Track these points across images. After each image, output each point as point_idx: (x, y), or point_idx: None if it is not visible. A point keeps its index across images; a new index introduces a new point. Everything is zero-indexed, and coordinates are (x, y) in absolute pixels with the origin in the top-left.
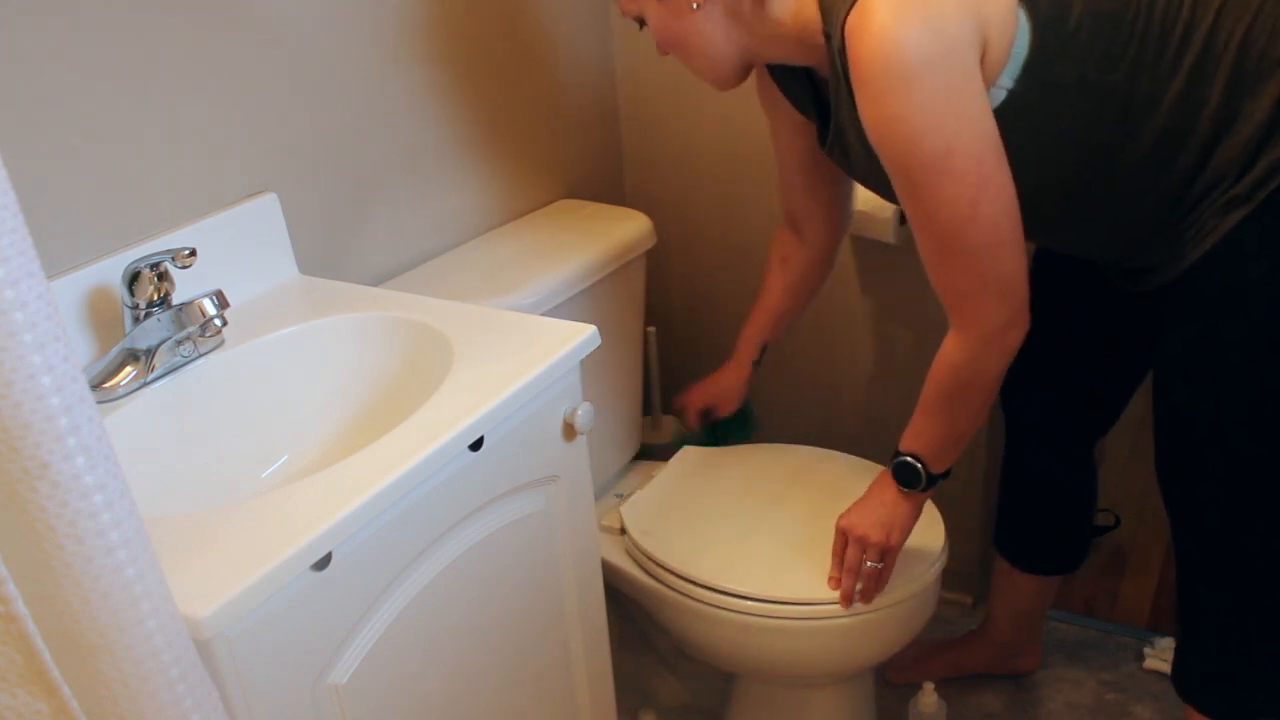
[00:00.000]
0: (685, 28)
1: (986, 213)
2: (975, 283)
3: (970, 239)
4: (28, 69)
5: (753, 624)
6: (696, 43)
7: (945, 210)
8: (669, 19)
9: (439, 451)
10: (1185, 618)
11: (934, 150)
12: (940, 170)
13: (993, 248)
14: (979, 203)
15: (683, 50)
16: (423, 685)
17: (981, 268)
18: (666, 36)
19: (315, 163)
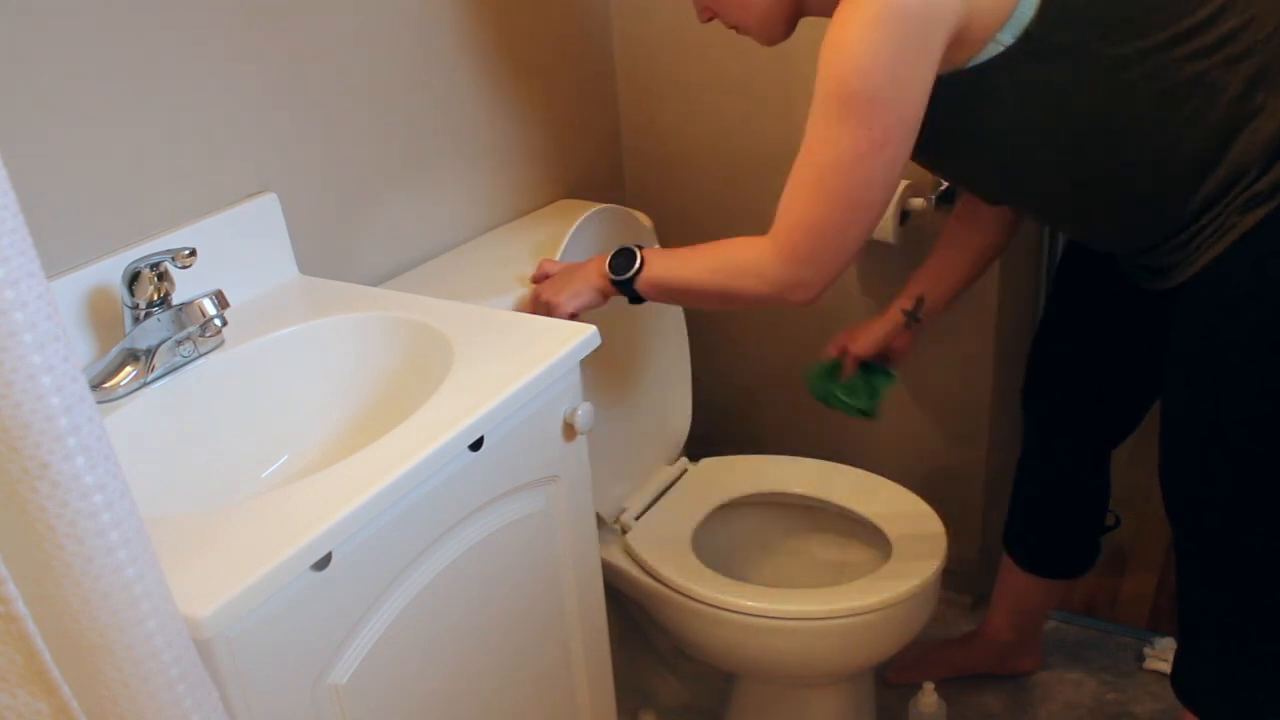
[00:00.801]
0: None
1: (866, 171)
2: (813, 224)
3: (837, 185)
4: (28, 69)
5: (753, 625)
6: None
7: (834, 147)
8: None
9: (439, 451)
10: (1185, 620)
11: (858, 89)
12: (852, 110)
13: (851, 207)
14: (866, 158)
15: (731, 5)
16: (423, 685)
17: (828, 216)
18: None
19: (315, 163)
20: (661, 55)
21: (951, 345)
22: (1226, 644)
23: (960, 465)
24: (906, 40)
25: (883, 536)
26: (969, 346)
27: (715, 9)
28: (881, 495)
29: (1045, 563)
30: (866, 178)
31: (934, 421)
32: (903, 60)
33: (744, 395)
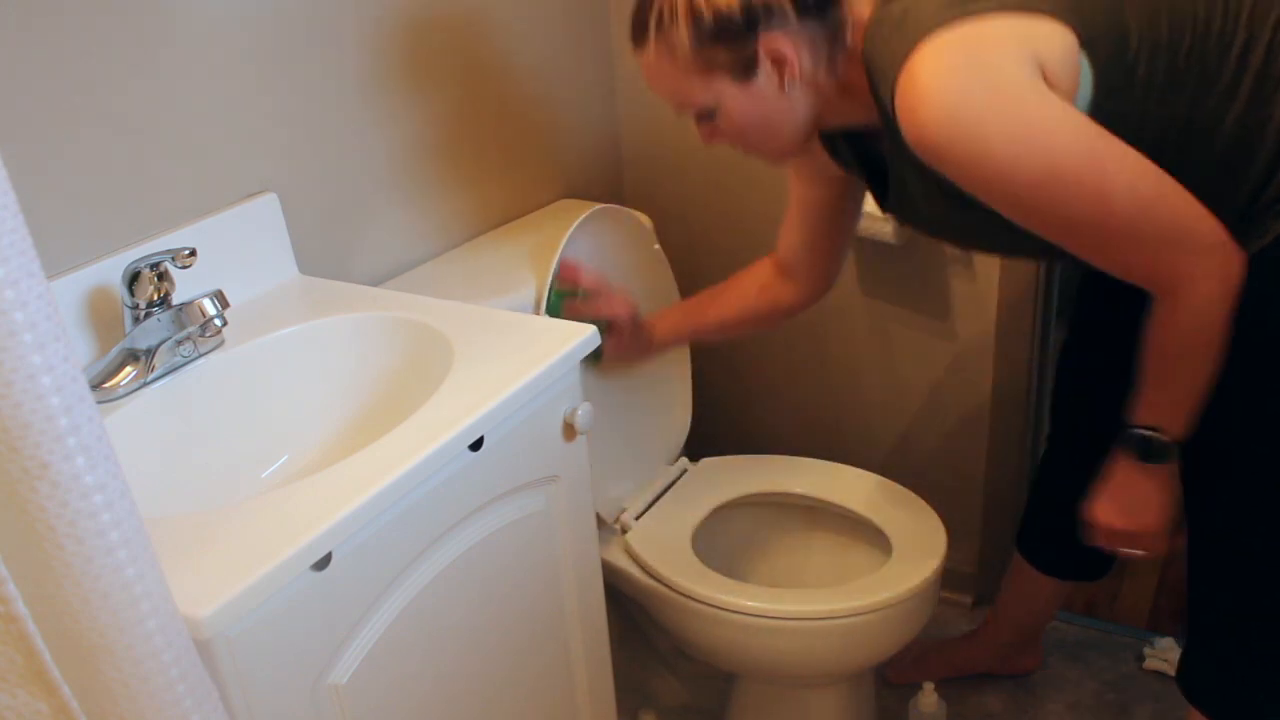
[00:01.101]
0: (770, 110)
1: (1120, 192)
2: (1152, 253)
3: (1118, 220)
4: (28, 69)
5: (753, 625)
6: (778, 123)
7: (1077, 215)
8: (753, 105)
9: (439, 451)
10: (1193, 618)
11: (1035, 171)
12: (1052, 185)
13: (1146, 215)
14: (1106, 189)
15: (758, 134)
16: (423, 685)
17: (1147, 238)
18: (745, 123)
19: (315, 163)
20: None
21: (951, 346)
22: (1233, 643)
23: (960, 465)
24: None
25: (883, 536)
26: (969, 347)
27: (736, 138)
28: (881, 495)
29: (1064, 566)
30: (1126, 193)
31: (934, 421)
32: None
33: (744, 395)
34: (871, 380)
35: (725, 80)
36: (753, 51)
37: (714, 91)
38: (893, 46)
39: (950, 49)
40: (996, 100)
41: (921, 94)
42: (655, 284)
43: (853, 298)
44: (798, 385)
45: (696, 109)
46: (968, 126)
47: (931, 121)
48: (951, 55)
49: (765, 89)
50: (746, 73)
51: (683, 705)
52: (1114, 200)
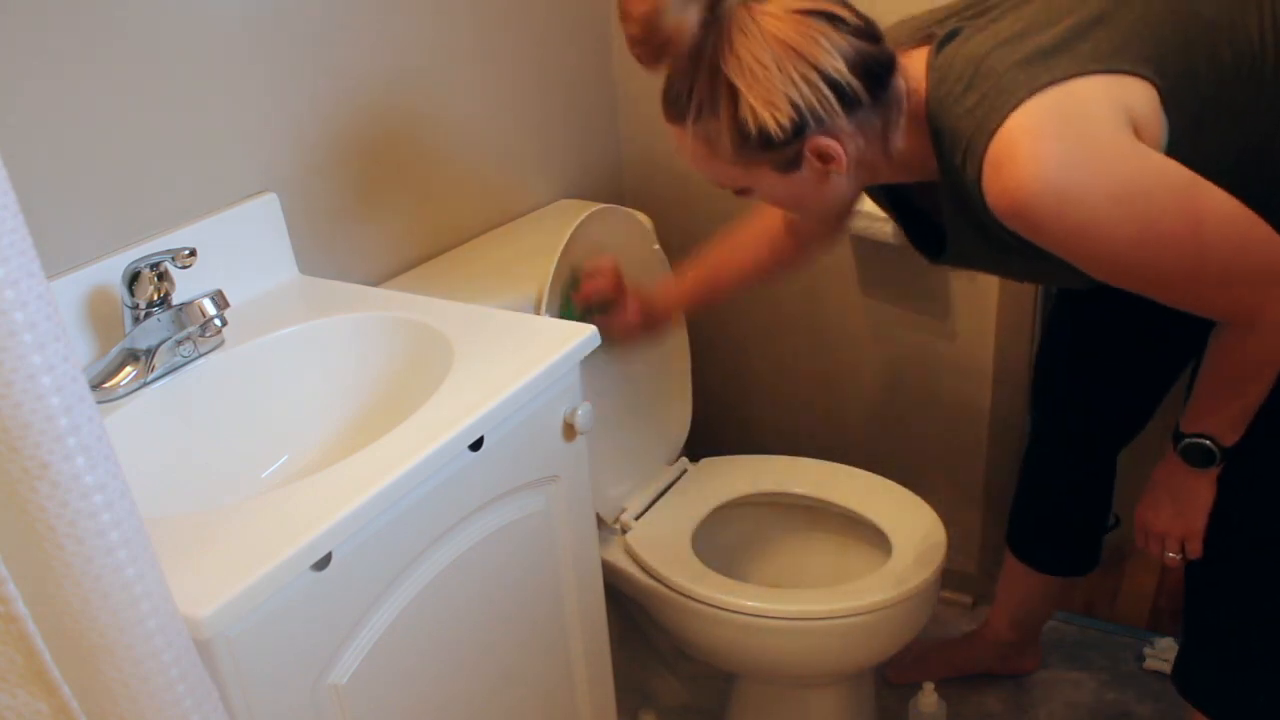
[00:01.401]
0: (812, 192)
1: (1214, 242)
2: (1237, 292)
3: (1212, 269)
4: (28, 69)
5: (753, 625)
6: (820, 201)
7: (1176, 268)
8: (795, 189)
9: (439, 451)
10: (1190, 617)
11: (1134, 233)
12: (1149, 245)
13: (1236, 259)
14: (1204, 240)
15: (798, 208)
16: (423, 685)
17: (1234, 280)
18: (784, 202)
19: (315, 163)
20: None
21: (951, 346)
22: (1229, 642)
23: (960, 465)
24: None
25: (883, 536)
26: (968, 346)
27: (782, 202)
28: (881, 495)
29: (1051, 560)
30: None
31: (934, 421)
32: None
33: (744, 395)
34: (871, 380)
35: (766, 171)
36: (798, 152)
37: (753, 179)
38: (972, 113)
39: (1048, 118)
40: (1098, 168)
41: (1020, 166)
42: (655, 283)
43: (853, 298)
44: (798, 385)
45: (732, 188)
46: (1070, 197)
47: (1032, 193)
48: (1048, 123)
49: (809, 179)
50: (790, 168)
51: (683, 705)
52: (1209, 252)
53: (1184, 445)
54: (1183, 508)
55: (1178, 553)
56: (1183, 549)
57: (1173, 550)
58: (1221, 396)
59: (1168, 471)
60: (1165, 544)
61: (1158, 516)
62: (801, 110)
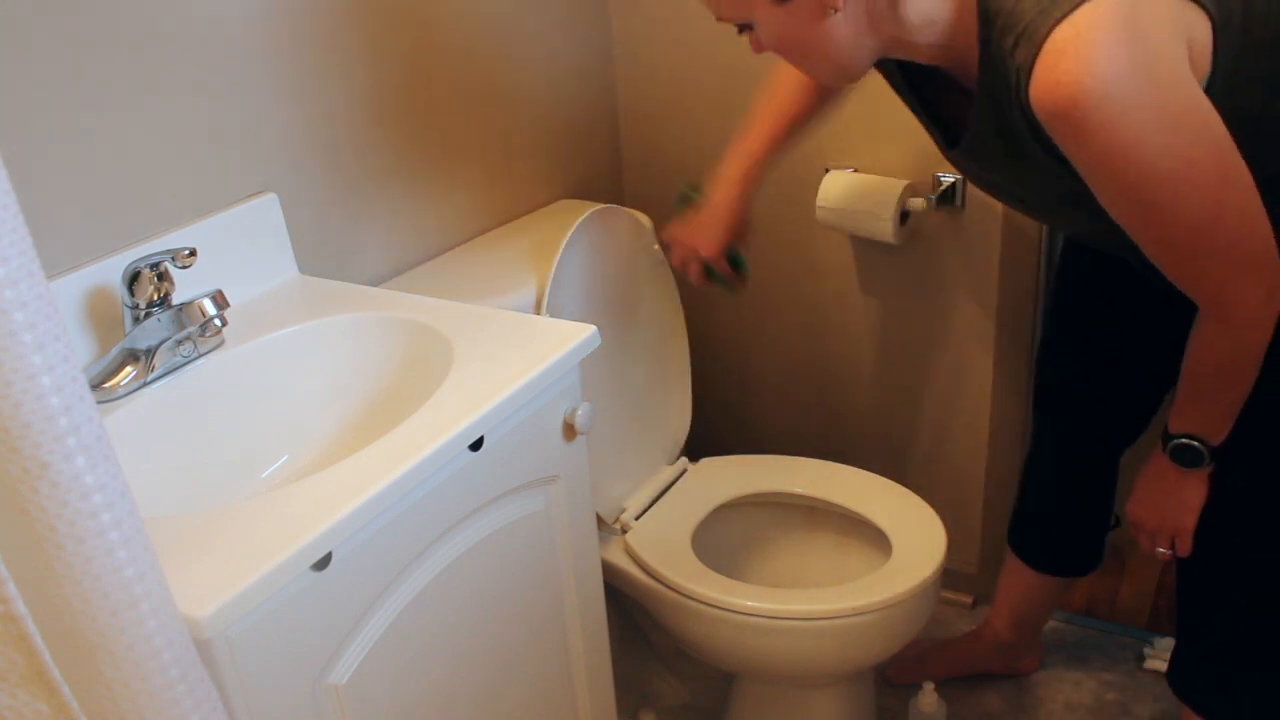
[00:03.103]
0: (811, 35)
1: (1233, 206)
2: (1229, 272)
3: (1219, 236)
4: (28, 69)
5: (753, 625)
6: (820, 49)
7: (1189, 219)
8: (793, 29)
9: (439, 451)
10: (1184, 617)
11: (1172, 169)
12: (1180, 185)
13: (1243, 235)
14: (1224, 201)
15: (800, 57)
16: (423, 685)
17: (1233, 258)
18: (783, 45)
19: (315, 163)
20: (661, 55)
21: (951, 345)
22: (1224, 641)
23: (960, 465)
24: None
25: (883, 536)
26: (969, 347)
27: (778, 51)
28: (881, 495)
29: (1052, 560)
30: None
31: (934, 421)
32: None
33: (744, 395)
34: (871, 380)
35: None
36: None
37: (750, 5)
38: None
39: (1118, 17)
40: (1160, 86)
41: (1082, 61)
42: (655, 284)
43: (853, 298)
44: (798, 385)
45: (735, 20)
46: (1129, 107)
47: (1092, 94)
48: (1119, 26)
49: (804, 13)
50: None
51: (683, 705)
52: (1226, 217)
53: (1172, 446)
54: (1173, 506)
55: (1168, 549)
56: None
57: (1163, 546)
58: (1202, 396)
59: (1158, 470)
60: (1156, 540)
61: (1148, 514)
62: None
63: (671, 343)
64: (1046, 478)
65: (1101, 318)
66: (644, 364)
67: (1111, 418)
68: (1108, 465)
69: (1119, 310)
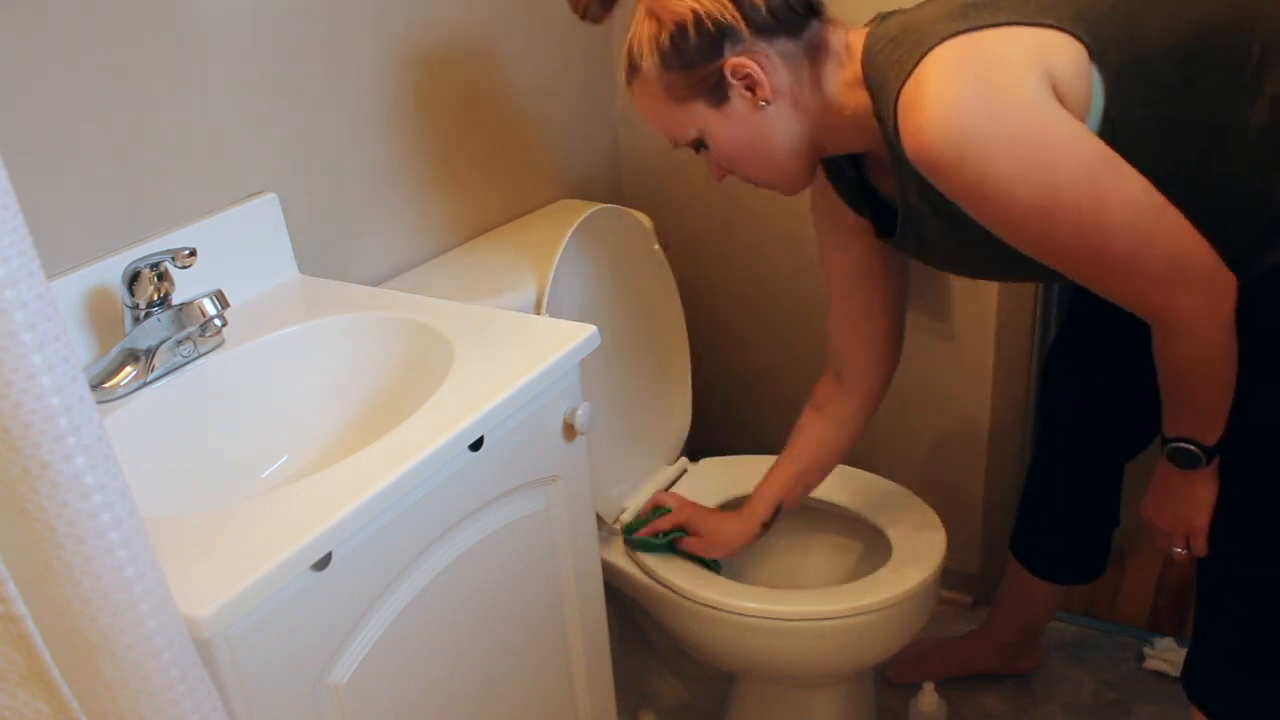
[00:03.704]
0: (753, 131)
1: (1117, 224)
2: (1145, 285)
3: (1113, 253)
4: (28, 69)
5: (753, 625)
6: (766, 145)
7: (1072, 243)
8: (735, 127)
9: (439, 451)
10: (1201, 620)
11: (1033, 198)
12: (1049, 213)
13: (1142, 249)
14: (1104, 221)
15: (750, 158)
16: (423, 685)
17: (1141, 271)
18: (732, 148)
19: (315, 163)
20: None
21: (951, 346)
22: (1240, 646)
23: (960, 465)
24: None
25: (883, 536)
26: (969, 347)
27: (732, 165)
28: (881, 495)
29: (1055, 567)
30: (1124, 225)
31: (934, 422)
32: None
33: (744, 395)
34: None
35: (702, 106)
36: (718, 73)
37: (694, 119)
38: (893, 62)
39: (956, 62)
40: (1001, 117)
41: (924, 106)
42: (655, 284)
43: None
44: (798, 385)
45: (685, 139)
46: (970, 143)
47: (933, 135)
48: (957, 68)
49: (741, 111)
50: (718, 96)
51: (683, 705)
52: (1111, 233)
53: (1169, 450)
54: (1183, 507)
55: (1184, 548)
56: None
57: (1179, 546)
58: (1180, 400)
59: (1165, 472)
60: (1171, 540)
61: (1160, 515)
62: (702, 18)
63: (671, 343)
64: (1049, 488)
65: (1109, 333)
66: (644, 364)
67: (1113, 429)
68: (1110, 476)
69: (1127, 325)
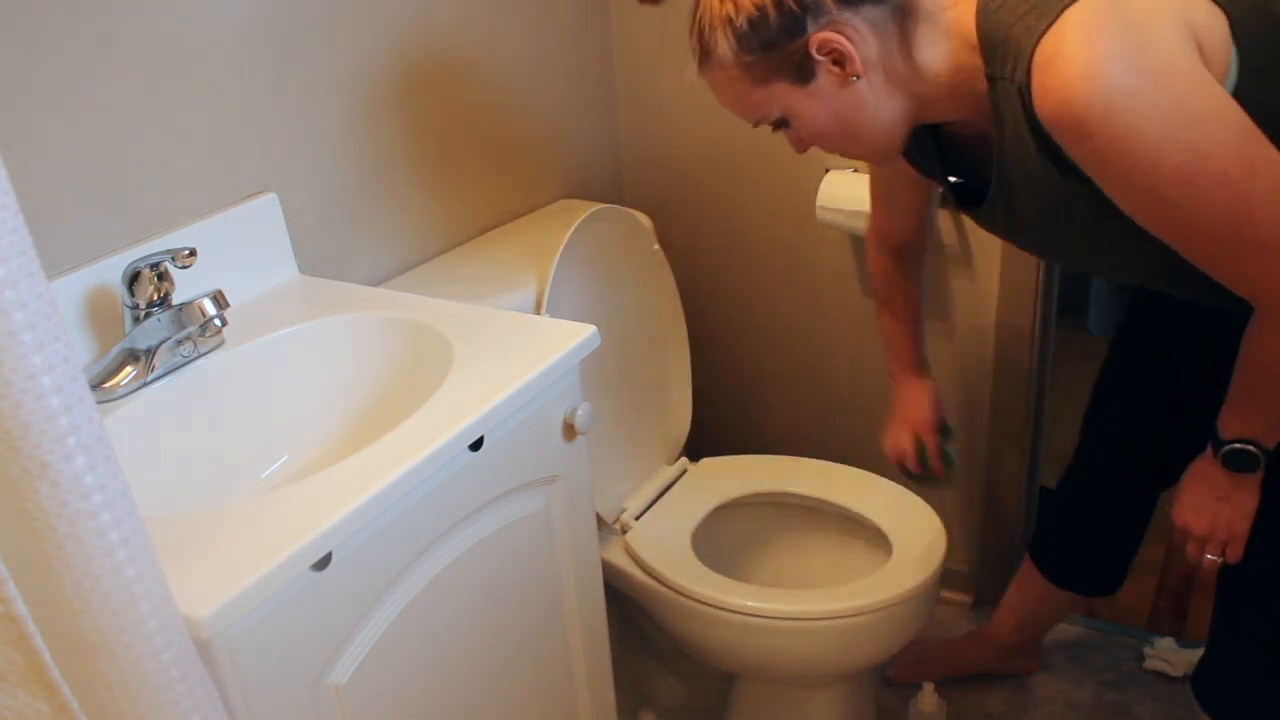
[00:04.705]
0: (844, 107)
1: (1264, 197)
2: (1274, 267)
3: (1257, 229)
4: (28, 69)
5: (753, 625)
6: (857, 121)
7: (1216, 214)
8: (823, 105)
9: (439, 451)
10: (1220, 627)
11: (1181, 163)
12: (1195, 180)
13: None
14: (1251, 194)
15: (840, 136)
16: (422, 685)
17: (1274, 248)
18: (821, 127)
19: (315, 163)
20: (661, 55)
21: (951, 346)
22: (1257, 653)
23: (960, 465)
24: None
25: (883, 536)
26: (969, 348)
27: (820, 140)
28: (881, 495)
29: (1077, 579)
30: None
31: None
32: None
33: (744, 395)
34: (871, 380)
35: (786, 86)
36: (804, 52)
37: (778, 100)
38: (1020, 17)
39: (1099, 18)
40: (1153, 74)
41: (1067, 62)
42: (655, 284)
43: (853, 298)
44: (798, 385)
45: (767, 120)
46: (1119, 100)
47: (1080, 90)
48: (1102, 24)
49: (830, 88)
50: (804, 75)
51: (683, 705)
52: (1256, 206)
53: (1226, 451)
54: (1225, 512)
55: (1219, 556)
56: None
57: (1214, 554)
58: (1259, 396)
59: (1208, 476)
60: (1206, 547)
61: (1199, 519)
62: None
63: (671, 343)
64: (1084, 502)
65: (1164, 359)
66: (644, 364)
67: (1162, 460)
68: (1151, 497)
69: (1184, 352)
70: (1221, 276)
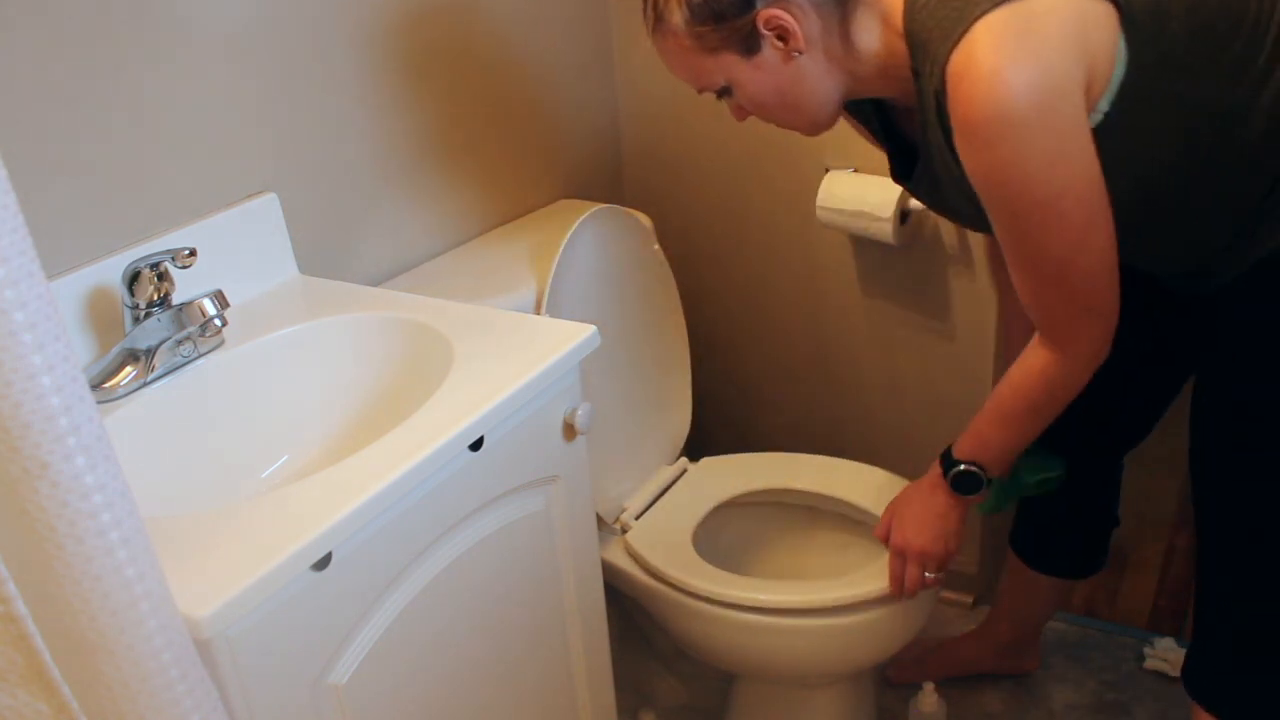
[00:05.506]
0: (784, 80)
1: (1092, 248)
2: (1075, 310)
3: (1073, 274)
4: (28, 69)
5: (752, 624)
6: (795, 94)
7: (1051, 249)
8: (766, 77)
9: (439, 451)
10: (1200, 616)
11: (1045, 195)
12: (1049, 213)
13: (1094, 279)
14: (1085, 241)
15: (778, 106)
16: (422, 685)
17: (1082, 297)
18: (762, 97)
19: (315, 163)
20: None
21: (951, 346)
22: (1240, 641)
23: None
24: (1059, 124)
25: None
26: (968, 345)
27: (761, 110)
28: (883, 490)
29: (1054, 562)
30: (1095, 252)
31: (934, 422)
32: (1063, 143)
33: (744, 395)
34: (871, 380)
35: (733, 57)
36: (751, 26)
37: (724, 69)
38: (939, 19)
39: (1010, 33)
40: (1045, 111)
41: (978, 80)
42: (655, 284)
43: (853, 298)
44: (798, 385)
45: (712, 88)
46: (1012, 130)
47: (983, 109)
48: (1011, 41)
49: (773, 61)
50: (750, 48)
51: (683, 705)
52: (1085, 255)
53: (957, 472)
54: (944, 531)
55: (937, 572)
56: None
57: (933, 571)
58: (1009, 426)
59: (929, 494)
60: (925, 566)
61: (919, 537)
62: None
63: (671, 343)
64: None
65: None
66: (644, 364)
67: (1116, 425)
68: (1110, 468)
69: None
70: (1029, 294)
